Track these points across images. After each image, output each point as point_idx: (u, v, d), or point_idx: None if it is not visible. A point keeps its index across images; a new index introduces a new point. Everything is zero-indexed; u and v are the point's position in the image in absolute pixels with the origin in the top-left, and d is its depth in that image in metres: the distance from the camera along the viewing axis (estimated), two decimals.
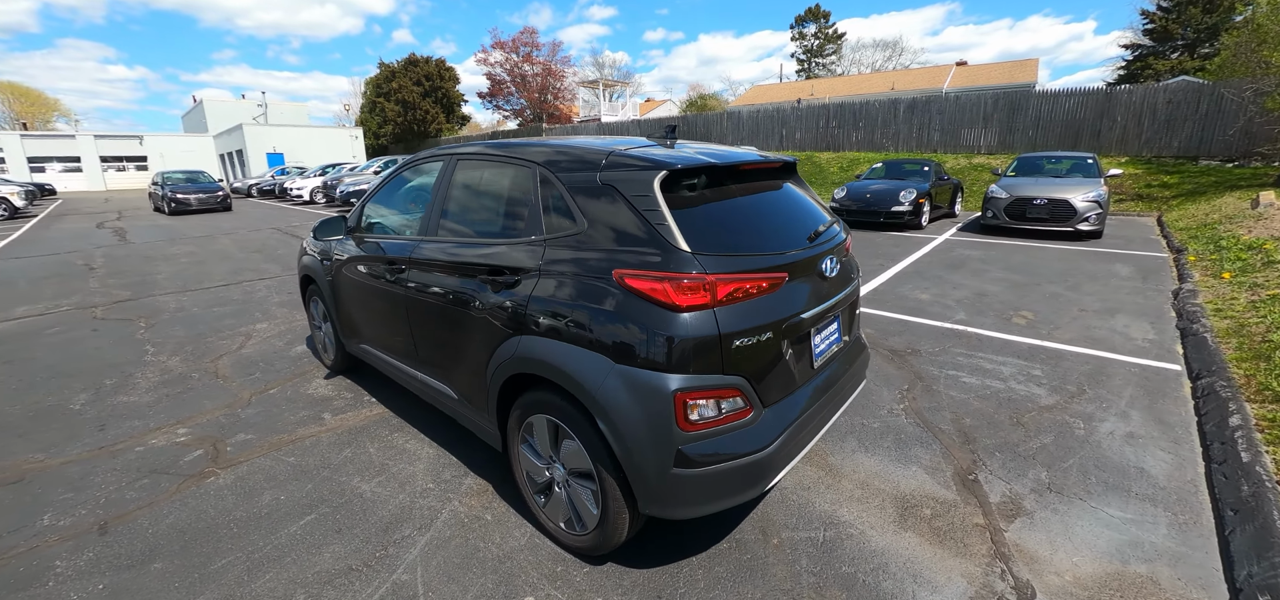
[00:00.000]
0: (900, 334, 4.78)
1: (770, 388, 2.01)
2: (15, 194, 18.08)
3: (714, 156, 2.20)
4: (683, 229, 1.92)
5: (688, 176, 2.08)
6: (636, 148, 2.26)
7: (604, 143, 2.36)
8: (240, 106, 47.47)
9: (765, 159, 2.43)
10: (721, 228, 2.05)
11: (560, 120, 40.69)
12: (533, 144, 2.51)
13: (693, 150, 2.28)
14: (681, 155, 2.14)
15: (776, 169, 2.54)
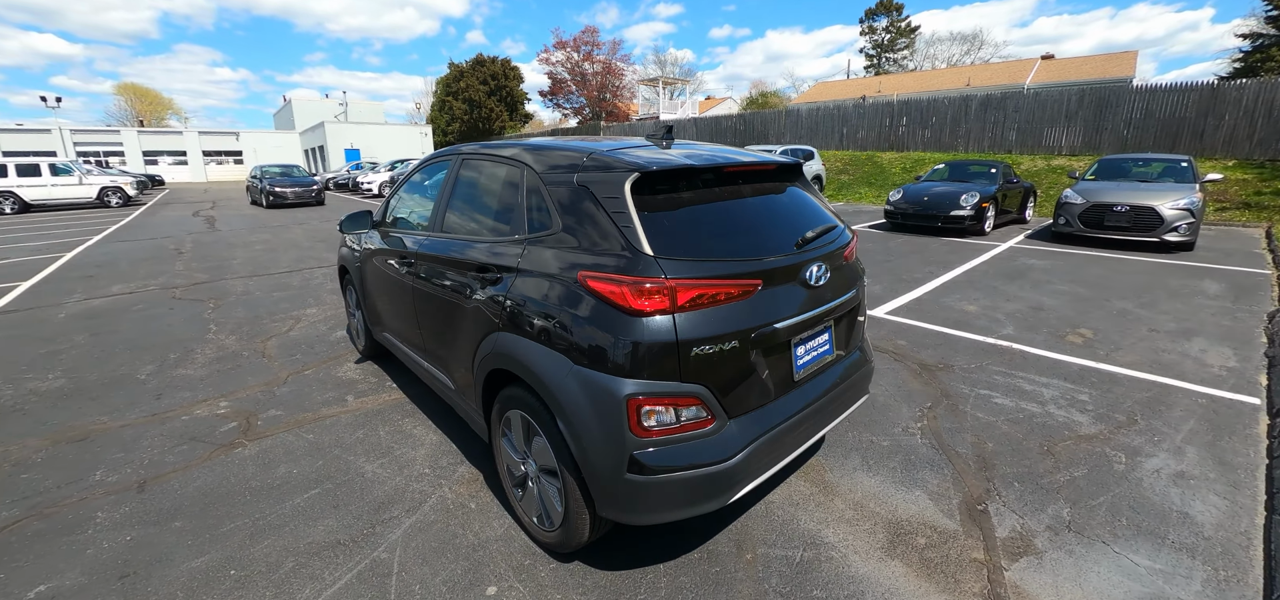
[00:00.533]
0: (935, 347, 4.49)
1: (737, 398, 1.94)
2: (129, 184, 20.35)
3: (694, 159, 2.15)
4: (651, 232, 1.88)
5: (664, 179, 2.04)
6: (622, 149, 2.24)
7: (592, 144, 2.36)
8: (324, 105, 51.13)
9: (757, 160, 2.34)
10: (694, 231, 1.99)
11: (618, 118, 41.06)
12: (526, 144, 2.54)
13: (676, 153, 2.23)
14: (658, 157, 2.10)
15: (772, 172, 2.44)
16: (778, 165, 2.46)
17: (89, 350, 4.80)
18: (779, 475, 2.78)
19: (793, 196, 2.51)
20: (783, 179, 2.53)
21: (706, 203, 2.13)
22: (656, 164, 2.02)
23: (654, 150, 2.30)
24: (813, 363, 2.23)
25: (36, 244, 11.27)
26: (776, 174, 2.49)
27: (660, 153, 2.19)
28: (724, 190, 2.21)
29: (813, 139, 21.73)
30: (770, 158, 2.46)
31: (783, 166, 2.49)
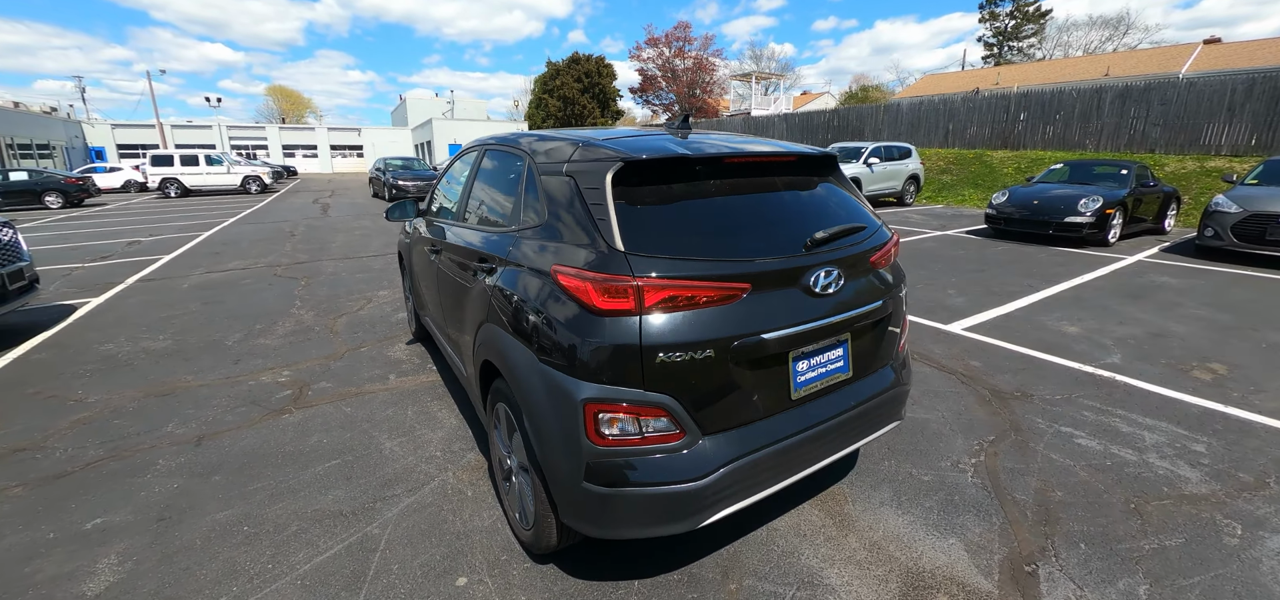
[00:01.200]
0: (1015, 372, 3.90)
1: (714, 414, 1.75)
2: (266, 174, 23.28)
3: (690, 148, 1.97)
4: (629, 226, 1.75)
5: (652, 170, 1.88)
6: (619, 139, 2.12)
7: (594, 134, 2.26)
8: (434, 104, 55.25)
9: (769, 151, 2.11)
10: (679, 227, 1.82)
11: (708, 114, 40.50)
12: (534, 135, 2.49)
13: (672, 142, 2.06)
14: (650, 146, 1.95)
15: (791, 163, 2.20)
16: (799, 156, 2.20)
17: (196, 317, 5.47)
18: (787, 497, 2.52)
19: (819, 192, 2.24)
20: (808, 173, 2.27)
21: (702, 197, 1.94)
22: (645, 152, 1.87)
23: (660, 140, 2.15)
24: (817, 381, 1.96)
25: (185, 223, 13.17)
26: (798, 167, 2.23)
27: (659, 142, 2.03)
28: (726, 184, 2.01)
29: (913, 136, 20.07)
30: (790, 148, 2.21)
31: (806, 158, 2.23)
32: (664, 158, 1.87)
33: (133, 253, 9.18)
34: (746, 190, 2.04)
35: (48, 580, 2.12)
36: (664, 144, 1.98)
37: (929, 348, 4.39)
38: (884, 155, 14.25)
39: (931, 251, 8.35)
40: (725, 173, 2.01)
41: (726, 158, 2.00)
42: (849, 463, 2.80)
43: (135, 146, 39.38)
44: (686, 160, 1.91)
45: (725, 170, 2.01)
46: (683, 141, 2.05)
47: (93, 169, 25.89)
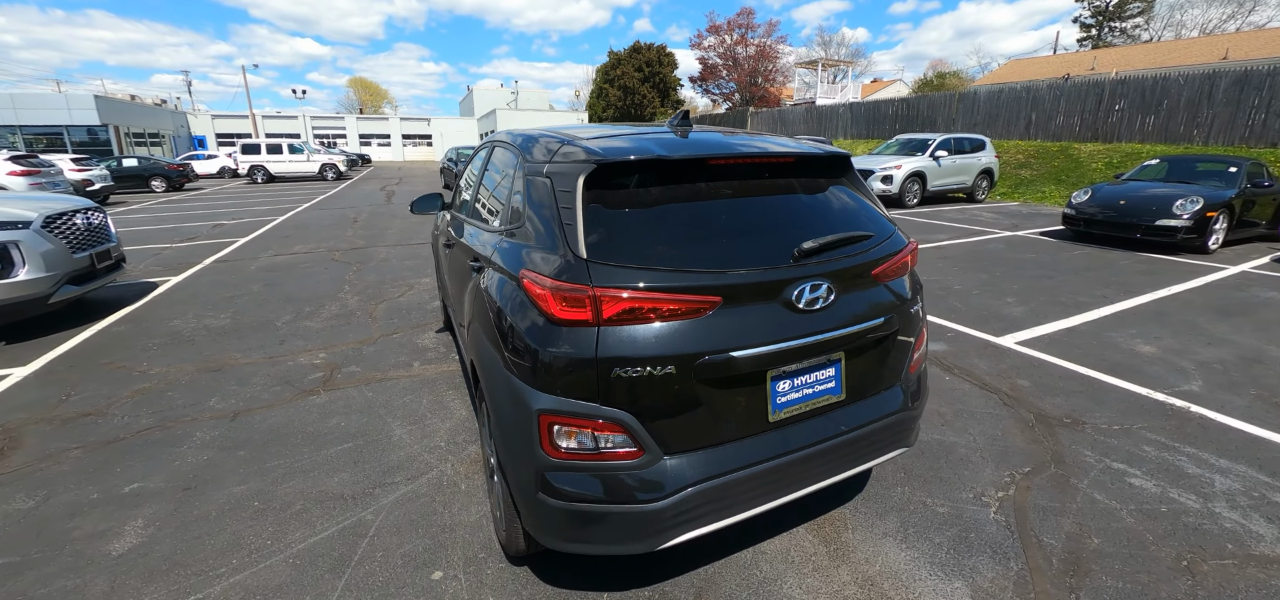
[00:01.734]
0: (1070, 395, 3.52)
1: (677, 433, 1.66)
2: (341, 161, 24.82)
3: (672, 149, 1.87)
4: (597, 232, 1.68)
5: (628, 172, 1.80)
6: (606, 138, 2.05)
7: (577, 132, 2.20)
8: (499, 94, 56.90)
9: (758, 152, 1.97)
10: (651, 234, 1.73)
11: (769, 103, 39.37)
12: (530, 133, 2.46)
13: (655, 143, 1.96)
14: (631, 147, 1.86)
15: (790, 164, 2.04)
16: (798, 157, 2.05)
17: (256, 298, 5.90)
18: (782, 516, 2.38)
19: (824, 197, 2.08)
20: (812, 174, 2.11)
21: (681, 202, 1.84)
22: (622, 155, 1.79)
23: (665, 138, 2.06)
24: (801, 403, 1.82)
25: (266, 208, 14.26)
26: (799, 168, 2.08)
27: (641, 143, 1.94)
28: (711, 187, 1.89)
29: (990, 127, 18.63)
30: (789, 148, 2.06)
31: (807, 159, 2.07)
32: (640, 160, 1.78)
33: (216, 235, 10.04)
34: (734, 194, 1.92)
35: (83, 537, 2.33)
36: (645, 145, 1.89)
37: (972, 362, 4.04)
38: (954, 148, 13.31)
39: (996, 254, 7.71)
40: (710, 175, 1.90)
41: (711, 160, 1.88)
42: (856, 485, 2.62)
43: (232, 135, 43.08)
44: (665, 162, 1.81)
45: (710, 173, 1.89)
46: (666, 143, 1.95)
47: (193, 156, 28.60)
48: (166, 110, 40.97)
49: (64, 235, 4.82)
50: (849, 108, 25.16)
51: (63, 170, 14.16)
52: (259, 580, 2.09)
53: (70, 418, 3.35)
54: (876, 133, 22.91)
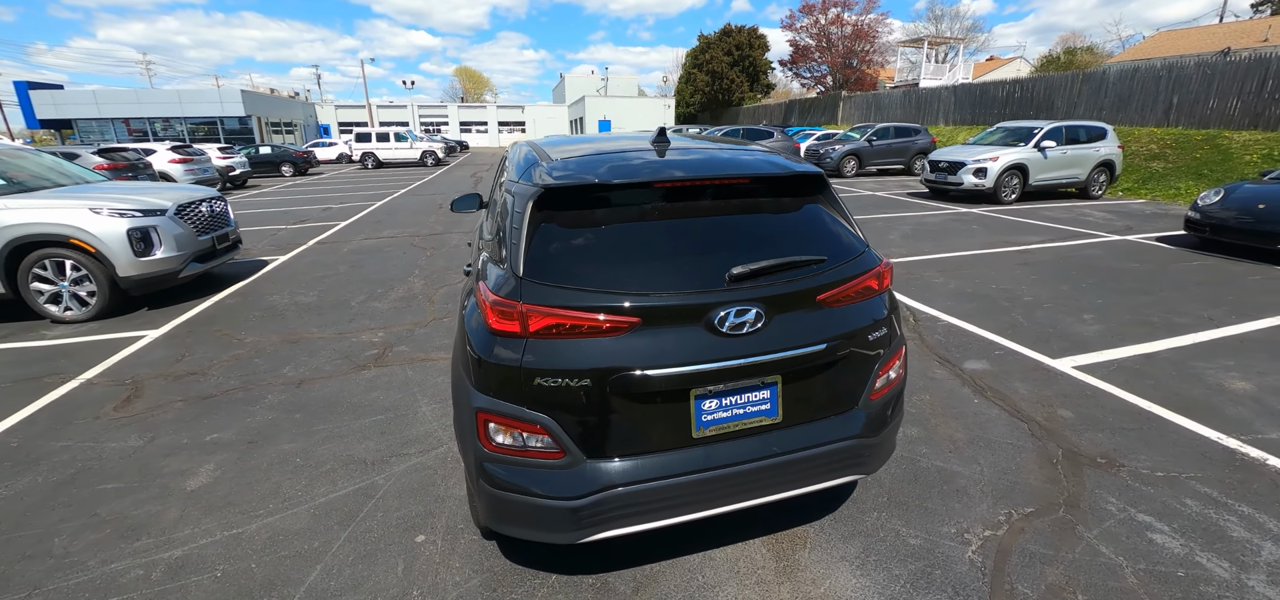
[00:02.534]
0: (1114, 431, 3.19)
1: (597, 440, 1.79)
2: (440, 148, 26.86)
3: (613, 173, 1.97)
4: (539, 252, 1.85)
5: (573, 195, 1.94)
6: (576, 157, 2.21)
7: (553, 151, 2.37)
8: (589, 80, 58.25)
9: (709, 176, 2.03)
10: (587, 255, 1.86)
11: (865, 86, 36.93)
12: (532, 146, 2.67)
13: (606, 166, 2.06)
14: (579, 169, 2.01)
15: (744, 185, 2.07)
16: (753, 178, 2.08)
17: (340, 278, 6.70)
18: (741, 522, 2.44)
19: (785, 216, 2.10)
20: (773, 194, 2.13)
21: (620, 223, 1.95)
22: (567, 180, 1.94)
23: (630, 157, 2.19)
24: (730, 421, 1.88)
25: (369, 193, 15.84)
26: (755, 189, 2.10)
27: (593, 165, 2.07)
28: (654, 208, 1.98)
29: (1120, 112, 16.36)
30: (746, 168, 2.09)
31: (766, 179, 2.09)
32: (583, 185, 1.92)
33: (323, 218, 11.38)
34: (680, 215, 2.00)
35: (170, 473, 2.91)
36: (593, 168, 2.01)
37: (1012, 385, 3.75)
38: (1066, 137, 11.90)
39: (1090, 261, 6.90)
40: (657, 198, 1.99)
41: (656, 183, 1.97)
42: (827, 502, 2.60)
43: (351, 124, 47.84)
44: (608, 187, 1.93)
45: (656, 195, 1.98)
46: (615, 166, 2.06)
47: (316, 144, 32.22)
48: (299, 102, 46.39)
49: (192, 221, 5.78)
50: (953, 91, 23.15)
51: (211, 157, 16.65)
52: (284, 524, 2.52)
53: (180, 375, 4.09)
54: (983, 118, 20.90)
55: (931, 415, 3.37)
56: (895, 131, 17.63)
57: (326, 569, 2.26)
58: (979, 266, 6.74)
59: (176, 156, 14.84)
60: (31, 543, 2.43)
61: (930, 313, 5.16)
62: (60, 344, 4.72)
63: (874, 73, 38.00)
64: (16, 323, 5.20)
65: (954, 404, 3.51)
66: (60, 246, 5.03)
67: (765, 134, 16.96)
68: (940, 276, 6.31)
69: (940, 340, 4.52)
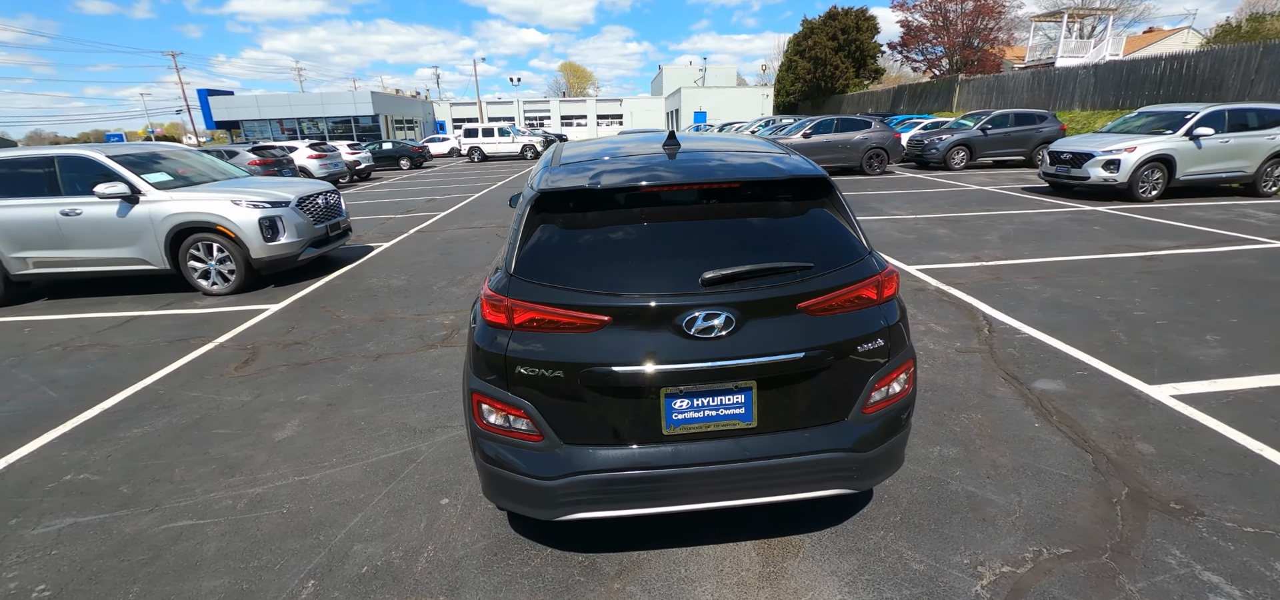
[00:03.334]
0: (1205, 474, 2.76)
1: (571, 427, 1.93)
2: (539, 142, 28.25)
3: (599, 179, 2.08)
4: (531, 251, 2.02)
5: (568, 198, 2.08)
6: (589, 155, 2.38)
7: (579, 152, 2.53)
8: (685, 72, 58.11)
9: (690, 180, 2.07)
10: (572, 255, 1.99)
11: (987, 67, 33.20)
12: (566, 143, 2.86)
13: (602, 170, 2.17)
14: (574, 172, 2.14)
15: (734, 190, 2.09)
16: (744, 182, 2.09)
17: (430, 264, 7.41)
18: (741, 521, 2.46)
19: (781, 219, 2.10)
20: (772, 196, 2.12)
21: (607, 225, 2.05)
22: (560, 184, 2.08)
23: (632, 160, 2.30)
24: (701, 422, 1.93)
25: (468, 185, 17.14)
26: (746, 193, 2.10)
27: (588, 169, 2.20)
28: (642, 212, 2.06)
29: None
30: (733, 175, 2.11)
31: (758, 183, 2.09)
32: (573, 189, 2.05)
33: (427, 208, 12.55)
34: (665, 218, 2.06)
35: (265, 426, 3.48)
36: (588, 172, 2.14)
37: (1086, 410, 3.34)
38: (1229, 122, 10.03)
39: (1235, 271, 5.84)
40: (643, 200, 2.07)
41: (644, 187, 2.05)
42: (836, 512, 2.53)
43: (464, 120, 51.71)
44: (596, 191, 2.04)
45: (643, 198, 2.07)
46: (608, 169, 2.17)
47: (431, 139, 35.27)
48: (419, 101, 51.01)
49: (310, 211, 6.70)
50: (1093, 70, 20.28)
51: (341, 153, 18.91)
52: (341, 476, 2.93)
53: (288, 344, 4.82)
54: (1130, 102, 18.11)
55: (977, 436, 3.12)
56: (1015, 119, 15.83)
57: (365, 518, 2.62)
58: (1086, 274, 5.96)
59: (313, 153, 17.08)
60: (160, 470, 3.05)
61: (1009, 324, 4.69)
62: (205, 312, 5.74)
63: (999, 52, 33.98)
64: (178, 294, 6.38)
65: (1008, 426, 3.21)
66: (209, 231, 6.08)
67: (861, 124, 15.99)
68: (1035, 284, 5.68)
69: (1013, 355, 4.11)
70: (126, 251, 6.10)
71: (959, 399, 3.50)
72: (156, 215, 6.01)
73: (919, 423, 3.24)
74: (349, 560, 2.37)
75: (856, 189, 13.03)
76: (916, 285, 5.78)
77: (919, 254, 6.96)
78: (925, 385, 3.68)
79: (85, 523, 2.67)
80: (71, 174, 6.02)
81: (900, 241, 7.66)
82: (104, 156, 6.09)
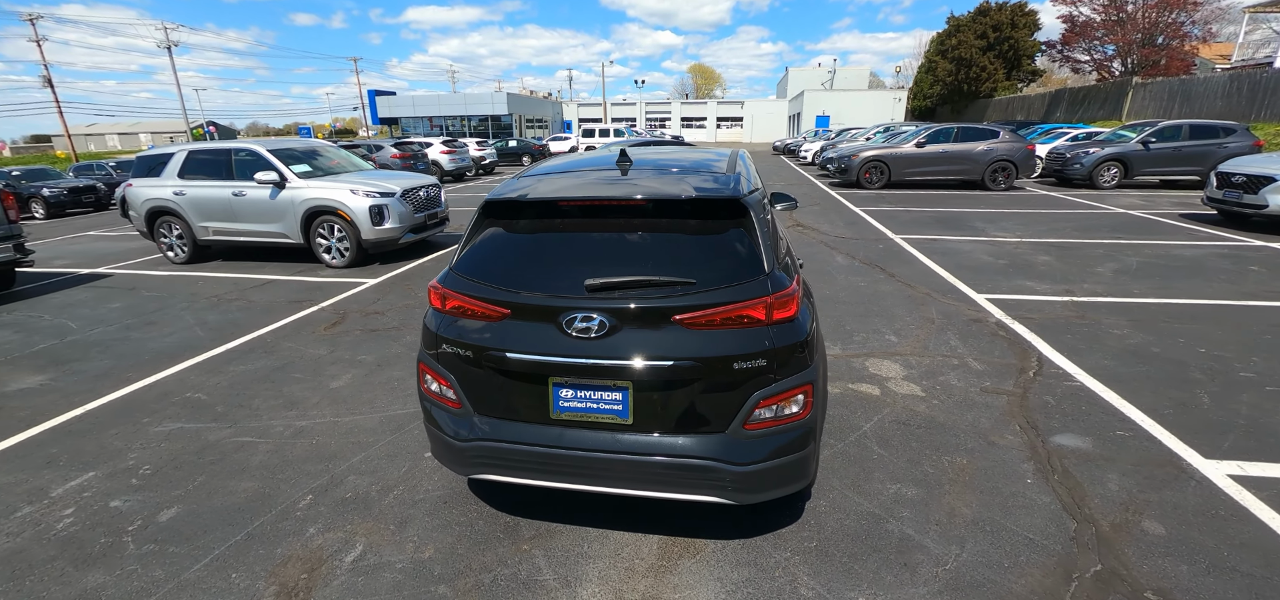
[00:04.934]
0: (1209, 570, 2.37)
1: (479, 398, 2.28)
2: None
3: (526, 192, 2.40)
4: (474, 249, 2.40)
5: (507, 207, 2.42)
6: (546, 171, 2.72)
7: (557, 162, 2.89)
8: (811, 74, 55.79)
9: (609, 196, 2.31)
10: (498, 254, 2.32)
11: (1171, 69, 27.35)
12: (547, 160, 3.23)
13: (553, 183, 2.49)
14: (520, 189, 2.47)
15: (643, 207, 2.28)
16: (651, 200, 2.27)
17: None
18: (653, 515, 2.63)
19: (686, 236, 2.25)
20: (681, 215, 2.29)
21: (530, 233, 2.36)
22: (500, 195, 2.43)
23: (573, 177, 2.61)
24: (583, 411, 2.16)
25: None
26: (654, 211, 2.29)
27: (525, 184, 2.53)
28: (560, 223, 2.34)
29: None
30: (645, 194, 2.29)
31: (665, 202, 2.26)
32: (507, 200, 2.38)
33: None
34: (581, 229, 2.31)
35: (326, 375, 4.29)
36: (529, 187, 2.46)
37: (1103, 474, 2.97)
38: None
39: None
40: (563, 213, 2.35)
41: (562, 202, 2.33)
42: (753, 524, 2.60)
43: (588, 120, 54.50)
44: (523, 202, 2.36)
45: (560, 211, 2.35)
46: (542, 184, 2.48)
47: (553, 138, 37.74)
48: (549, 102, 54.77)
49: (412, 202, 7.79)
50: None
51: (469, 149, 21.10)
52: (361, 422, 3.57)
53: (369, 312, 5.76)
54: None
55: (949, 482, 2.94)
56: (1190, 131, 13.21)
57: (366, 457, 3.20)
58: (1202, 322, 5.02)
59: (445, 148, 19.33)
60: (244, 398, 3.94)
61: (1063, 368, 4.18)
62: (321, 281, 6.99)
63: (1191, 50, 27.84)
64: (307, 264, 7.81)
65: (994, 477, 2.97)
66: (332, 214, 7.37)
67: (986, 134, 14.41)
68: (1125, 328, 4.93)
69: (1048, 403, 3.70)
70: (274, 227, 7.62)
71: (950, 441, 3.29)
72: (296, 199, 7.42)
73: (892, 457, 3.12)
74: (341, 486, 2.95)
75: (967, 206, 11.84)
76: (974, 315, 5.30)
77: (996, 282, 6.30)
78: (919, 421, 3.49)
79: (186, 428, 3.57)
80: (241, 163, 7.65)
81: (982, 267, 6.96)
82: (264, 150, 7.65)
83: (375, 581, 2.33)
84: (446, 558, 2.46)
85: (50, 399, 4.11)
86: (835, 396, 3.78)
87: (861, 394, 3.84)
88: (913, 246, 8.09)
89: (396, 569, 2.40)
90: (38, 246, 10.11)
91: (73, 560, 2.51)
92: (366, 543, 2.56)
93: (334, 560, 2.46)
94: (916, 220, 10.21)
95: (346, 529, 2.65)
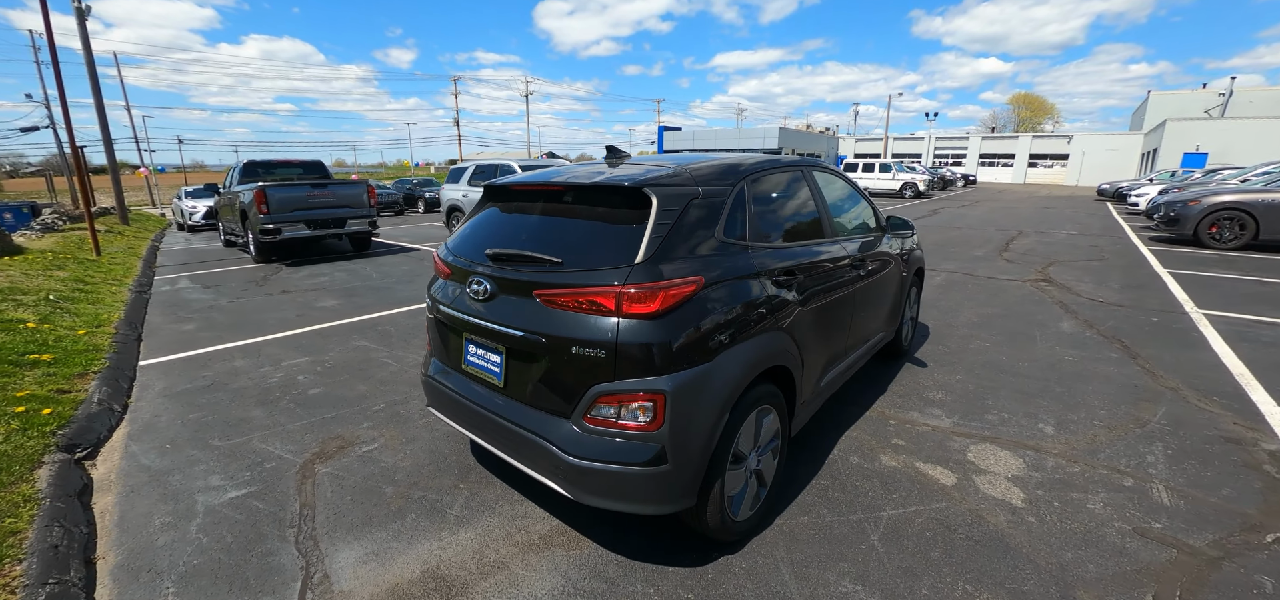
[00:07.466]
0: None
1: (436, 344, 2.74)
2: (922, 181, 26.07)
3: (508, 178, 2.75)
4: (465, 224, 2.92)
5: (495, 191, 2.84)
6: (537, 166, 3.08)
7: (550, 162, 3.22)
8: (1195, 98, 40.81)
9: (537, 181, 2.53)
10: (473, 230, 2.72)
11: None
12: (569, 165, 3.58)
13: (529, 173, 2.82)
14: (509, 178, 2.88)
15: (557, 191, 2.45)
16: (566, 187, 2.42)
17: None
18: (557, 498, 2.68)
19: (595, 222, 2.33)
20: (595, 202, 2.37)
21: (499, 211, 2.71)
22: (490, 184, 2.87)
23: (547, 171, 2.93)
24: (478, 368, 2.42)
25: None
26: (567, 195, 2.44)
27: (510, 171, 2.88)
28: (519, 204, 2.63)
29: None
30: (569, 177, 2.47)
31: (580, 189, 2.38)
32: (490, 186, 2.79)
33: None
34: (528, 210, 2.56)
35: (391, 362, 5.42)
36: (501, 174, 2.83)
37: None
38: None
39: None
40: (514, 197, 2.65)
41: (513, 186, 2.63)
42: (671, 553, 2.40)
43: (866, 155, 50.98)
44: (493, 186, 2.75)
45: (512, 195, 2.65)
46: (521, 172, 2.80)
47: None
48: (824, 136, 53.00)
49: None
50: None
51: None
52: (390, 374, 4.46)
53: None
54: None
55: None
56: None
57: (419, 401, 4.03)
58: None
59: None
60: (413, 335, 5.30)
61: None
62: None
63: None
64: None
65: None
66: None
67: None
68: None
69: None
70: None
71: (1001, 574, 2.33)
72: None
73: (884, 555, 2.41)
74: (406, 404, 3.84)
75: None
76: (1232, 434, 3.38)
77: None
78: (979, 533, 2.54)
79: (367, 346, 5.06)
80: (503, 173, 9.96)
81: None
82: (515, 165, 9.81)
83: (365, 467, 3.04)
84: (411, 471, 3.01)
85: (326, 311, 6.27)
86: (872, 469, 3.02)
87: (922, 476, 2.93)
88: (1213, 326, 5.47)
89: (380, 465, 3.07)
90: (400, 230, 14.98)
91: (256, 400, 3.93)
92: (382, 443, 3.31)
93: (355, 448, 3.26)
94: (1264, 296, 6.74)
95: (379, 431, 3.45)
